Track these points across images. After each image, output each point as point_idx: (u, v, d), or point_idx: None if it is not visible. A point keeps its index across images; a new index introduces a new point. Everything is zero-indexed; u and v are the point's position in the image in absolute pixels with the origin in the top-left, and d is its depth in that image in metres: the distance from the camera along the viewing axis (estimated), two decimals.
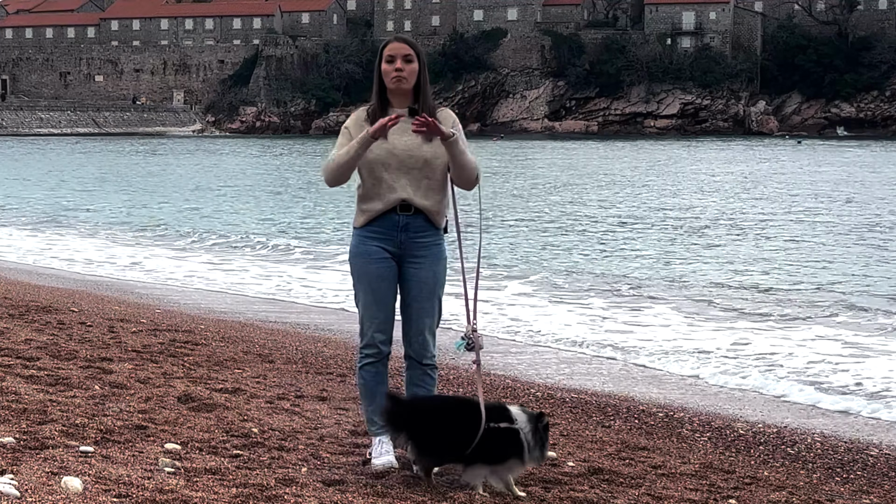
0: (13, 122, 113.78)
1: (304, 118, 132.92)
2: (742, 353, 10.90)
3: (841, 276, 17.52)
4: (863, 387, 9.36)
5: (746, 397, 8.99)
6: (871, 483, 6.21)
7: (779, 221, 27.30)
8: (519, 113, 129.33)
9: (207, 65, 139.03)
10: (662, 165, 57.31)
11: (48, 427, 5.51)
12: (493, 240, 21.89)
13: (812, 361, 10.43)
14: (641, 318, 13.13)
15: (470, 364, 9.39)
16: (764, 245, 22.16)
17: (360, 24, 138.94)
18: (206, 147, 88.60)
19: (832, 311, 13.66)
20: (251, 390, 7.32)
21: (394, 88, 5.32)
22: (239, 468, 5.09)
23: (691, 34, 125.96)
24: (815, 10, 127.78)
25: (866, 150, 78.02)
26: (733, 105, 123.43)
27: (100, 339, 9.16)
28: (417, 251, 5.39)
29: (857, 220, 27.64)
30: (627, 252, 20.89)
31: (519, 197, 35.85)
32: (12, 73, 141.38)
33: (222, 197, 36.86)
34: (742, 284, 16.31)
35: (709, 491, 5.58)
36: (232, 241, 22.78)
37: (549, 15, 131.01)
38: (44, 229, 25.44)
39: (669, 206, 32.05)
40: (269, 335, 10.63)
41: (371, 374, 5.48)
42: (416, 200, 5.32)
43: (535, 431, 5.08)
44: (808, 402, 8.84)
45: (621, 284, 16.16)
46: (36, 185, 42.13)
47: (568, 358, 10.66)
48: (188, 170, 55.06)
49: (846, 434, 7.62)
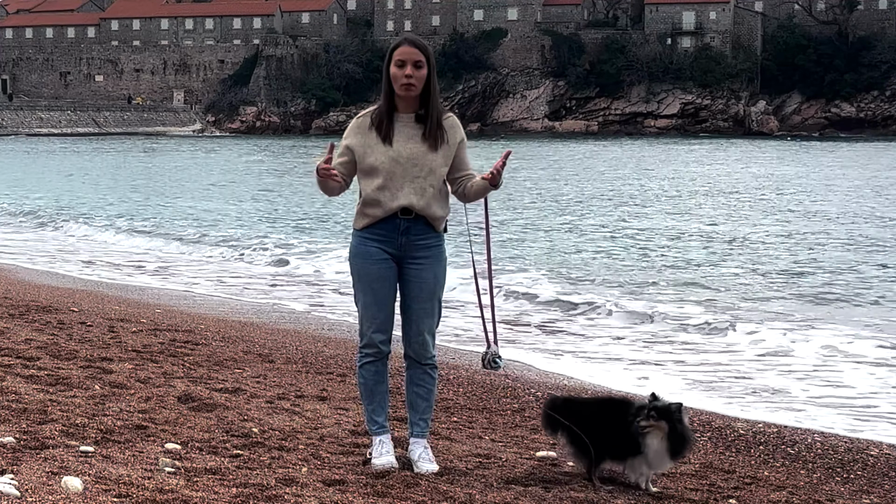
0: (13, 122, 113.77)
1: (305, 118, 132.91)
2: (743, 352, 10.91)
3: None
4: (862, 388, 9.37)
5: (746, 397, 8.99)
6: (871, 483, 6.21)
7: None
8: (519, 113, 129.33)
9: (207, 65, 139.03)
10: (715, 180, 45.86)
11: (48, 427, 5.51)
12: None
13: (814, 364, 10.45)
14: (641, 318, 13.12)
15: (469, 365, 9.42)
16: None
17: (360, 24, 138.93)
18: (203, 146, 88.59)
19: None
20: (251, 390, 7.32)
21: (403, 95, 5.30)
22: (239, 468, 5.09)
23: (691, 34, 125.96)
24: (815, 10, 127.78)
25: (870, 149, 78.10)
26: (733, 105, 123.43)
27: (100, 338, 9.16)
28: (418, 252, 5.38)
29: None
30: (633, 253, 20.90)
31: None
32: (12, 73, 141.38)
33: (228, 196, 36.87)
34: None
35: (709, 491, 5.57)
36: (238, 241, 22.77)
37: (549, 15, 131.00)
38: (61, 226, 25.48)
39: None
40: (269, 335, 10.63)
41: (371, 374, 5.47)
42: (417, 207, 5.31)
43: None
44: (808, 401, 8.84)
45: (627, 285, 16.17)
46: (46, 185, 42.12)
47: (568, 358, 10.66)
48: (200, 168, 55.08)
49: (846, 434, 7.62)
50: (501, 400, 8.04)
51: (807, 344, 11.26)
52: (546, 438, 6.67)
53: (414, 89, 5.27)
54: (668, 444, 5.26)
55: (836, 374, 9.88)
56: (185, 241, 22.70)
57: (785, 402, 8.76)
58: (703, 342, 11.60)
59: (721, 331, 12.11)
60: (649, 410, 5.26)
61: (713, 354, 10.91)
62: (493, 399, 8.04)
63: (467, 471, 5.49)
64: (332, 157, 5.28)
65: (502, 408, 7.73)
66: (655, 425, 5.24)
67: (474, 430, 6.74)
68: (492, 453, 6.00)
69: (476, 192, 5.38)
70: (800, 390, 9.20)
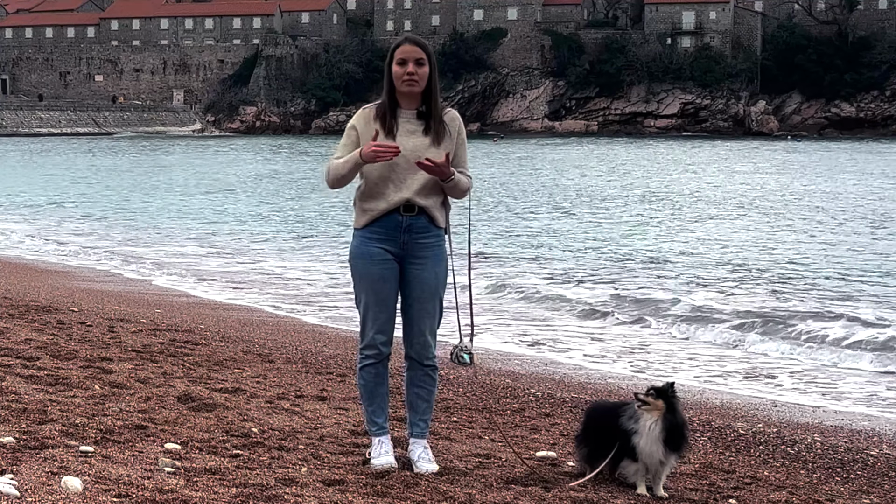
0: (13, 121, 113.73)
1: (304, 118, 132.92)
2: (740, 353, 10.92)
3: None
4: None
5: (747, 398, 8.99)
6: (871, 483, 6.21)
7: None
8: (519, 113, 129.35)
9: (207, 64, 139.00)
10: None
11: (48, 427, 5.50)
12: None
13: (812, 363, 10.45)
14: (642, 319, 13.13)
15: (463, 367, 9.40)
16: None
17: (360, 24, 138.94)
18: (204, 145, 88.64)
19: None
20: (251, 390, 7.32)
21: (406, 91, 5.30)
22: (239, 468, 5.09)
23: (691, 34, 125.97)
24: (815, 9, 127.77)
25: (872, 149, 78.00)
26: (733, 105, 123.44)
27: (100, 338, 9.15)
28: (420, 252, 5.36)
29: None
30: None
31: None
32: (12, 73, 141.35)
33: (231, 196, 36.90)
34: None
35: (709, 491, 5.57)
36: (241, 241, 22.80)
37: (549, 15, 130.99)
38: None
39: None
40: (269, 335, 10.62)
41: (371, 375, 5.46)
42: (420, 200, 5.29)
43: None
44: (808, 401, 8.85)
45: (627, 291, 16.17)
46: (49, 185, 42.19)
47: (568, 357, 10.66)
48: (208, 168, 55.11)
49: (846, 434, 7.62)
50: (501, 400, 8.04)
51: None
52: (546, 438, 6.67)
53: (416, 85, 5.27)
54: (664, 425, 5.24)
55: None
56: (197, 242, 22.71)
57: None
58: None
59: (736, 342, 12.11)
60: (648, 390, 5.36)
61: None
62: (492, 399, 8.03)
63: (467, 471, 5.49)
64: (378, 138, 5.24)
65: (502, 408, 7.73)
66: (653, 403, 5.28)
67: (474, 430, 6.73)
68: (492, 453, 6.00)
69: (445, 190, 5.37)
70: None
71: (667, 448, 5.27)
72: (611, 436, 5.36)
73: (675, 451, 5.32)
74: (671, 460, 5.34)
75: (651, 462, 5.30)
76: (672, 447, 5.28)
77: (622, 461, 5.36)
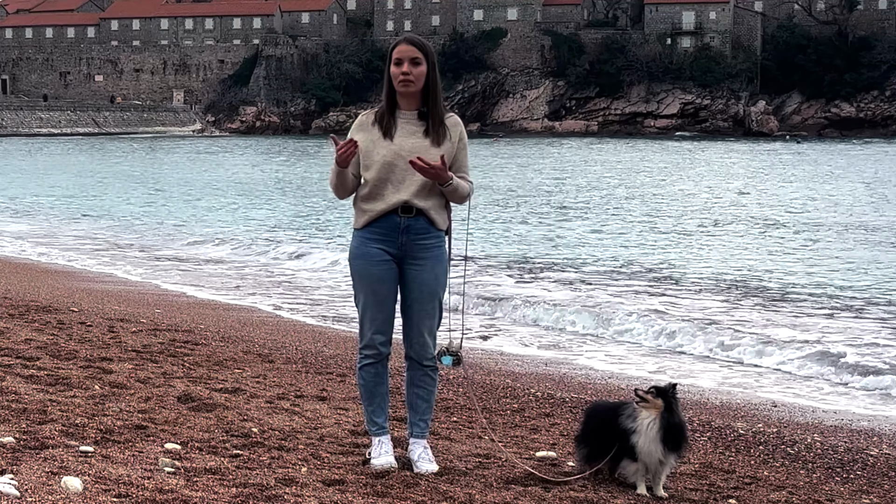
0: (13, 121, 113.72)
1: (304, 118, 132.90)
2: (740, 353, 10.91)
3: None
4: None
5: (746, 398, 9.00)
6: (871, 483, 6.21)
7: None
8: (519, 113, 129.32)
9: (207, 65, 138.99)
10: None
11: (48, 427, 5.50)
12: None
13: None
14: (642, 321, 13.12)
15: (469, 364, 9.41)
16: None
17: (360, 24, 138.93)
18: (206, 146, 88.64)
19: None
20: (251, 390, 7.32)
21: (402, 92, 5.30)
22: (239, 468, 5.09)
23: (691, 34, 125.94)
24: (815, 9, 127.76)
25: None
26: (733, 105, 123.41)
27: (100, 339, 9.15)
28: (419, 253, 5.36)
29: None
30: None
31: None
32: (12, 73, 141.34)
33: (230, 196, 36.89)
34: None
35: (709, 491, 5.57)
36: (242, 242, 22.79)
37: (549, 15, 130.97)
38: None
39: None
40: (269, 335, 10.63)
41: (371, 375, 5.46)
42: (418, 202, 5.29)
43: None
44: (808, 401, 8.85)
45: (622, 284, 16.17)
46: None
47: (568, 357, 10.66)
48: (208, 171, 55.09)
49: (846, 434, 7.62)
50: (501, 400, 8.04)
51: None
52: (546, 438, 6.67)
53: (412, 85, 5.27)
54: (661, 424, 5.25)
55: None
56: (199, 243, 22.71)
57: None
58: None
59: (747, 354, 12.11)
60: (650, 388, 5.37)
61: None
62: (493, 399, 8.03)
63: (467, 471, 5.49)
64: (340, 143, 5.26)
65: (502, 408, 7.73)
66: (652, 401, 5.29)
67: (474, 430, 6.73)
68: (492, 453, 6.00)
69: (444, 194, 5.36)
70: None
71: (666, 447, 5.27)
72: (610, 436, 5.37)
73: (674, 451, 5.31)
74: (670, 460, 5.34)
75: (650, 461, 5.30)
76: (671, 447, 5.28)
77: (622, 461, 5.37)
